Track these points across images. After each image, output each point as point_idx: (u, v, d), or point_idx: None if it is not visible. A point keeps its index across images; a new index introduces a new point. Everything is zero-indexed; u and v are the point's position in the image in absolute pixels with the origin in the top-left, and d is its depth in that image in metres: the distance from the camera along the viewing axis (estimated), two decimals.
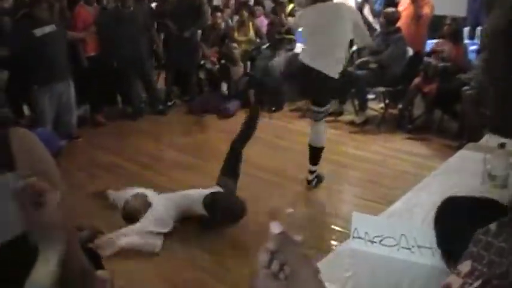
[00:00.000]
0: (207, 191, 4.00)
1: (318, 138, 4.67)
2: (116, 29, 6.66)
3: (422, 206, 2.29)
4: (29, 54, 5.50)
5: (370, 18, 7.75)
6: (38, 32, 5.55)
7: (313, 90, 4.53)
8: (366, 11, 7.71)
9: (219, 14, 7.59)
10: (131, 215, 3.94)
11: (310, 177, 4.71)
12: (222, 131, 6.13)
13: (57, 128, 5.86)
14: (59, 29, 5.79)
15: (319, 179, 4.75)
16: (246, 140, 4.35)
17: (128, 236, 3.70)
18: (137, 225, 3.81)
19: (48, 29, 5.62)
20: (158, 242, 3.75)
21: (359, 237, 2.09)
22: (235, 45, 7.30)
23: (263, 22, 7.97)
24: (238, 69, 7.13)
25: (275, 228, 0.81)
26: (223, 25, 7.87)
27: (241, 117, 6.80)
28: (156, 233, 3.79)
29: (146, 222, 3.82)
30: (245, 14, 7.77)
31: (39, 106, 5.75)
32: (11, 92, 5.75)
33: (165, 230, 3.85)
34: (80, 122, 6.49)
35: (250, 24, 7.76)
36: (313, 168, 4.70)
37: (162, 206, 3.97)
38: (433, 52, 6.29)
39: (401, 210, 2.32)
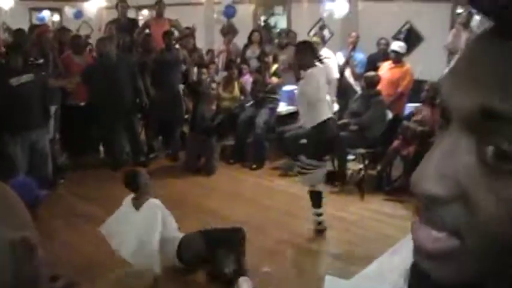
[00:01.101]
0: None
1: None
2: (101, 80, 6.78)
3: (394, 271, 2.32)
4: (4, 102, 5.52)
5: (351, 80, 7.95)
6: (14, 81, 5.61)
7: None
8: (347, 73, 7.93)
9: (204, 70, 7.75)
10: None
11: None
12: (201, 186, 6.17)
13: (31, 176, 5.83)
14: (36, 78, 5.85)
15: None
16: None
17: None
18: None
19: (25, 78, 5.69)
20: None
21: None
22: (213, 85, 7.42)
23: (248, 80, 8.13)
24: (209, 109, 7.21)
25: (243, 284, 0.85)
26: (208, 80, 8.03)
27: (223, 174, 6.90)
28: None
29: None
30: (235, 72, 7.92)
31: (10, 154, 5.69)
32: None
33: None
34: (59, 170, 6.51)
35: (236, 82, 7.91)
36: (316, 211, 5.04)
37: None
38: (412, 116, 6.46)
39: (374, 274, 2.36)
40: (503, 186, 0.44)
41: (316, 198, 4.99)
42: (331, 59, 7.60)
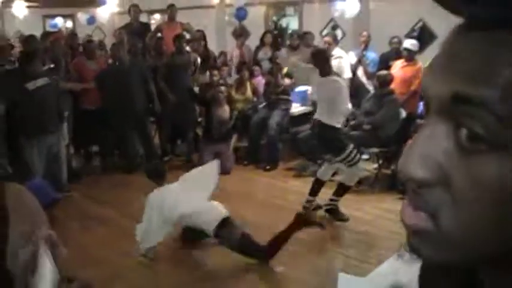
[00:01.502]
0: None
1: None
2: (113, 85, 6.86)
3: (407, 268, 2.31)
4: (20, 106, 5.59)
5: (364, 79, 7.93)
6: (31, 85, 5.66)
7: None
8: (360, 72, 7.91)
9: (215, 71, 7.78)
10: None
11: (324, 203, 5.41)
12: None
13: (47, 180, 5.89)
14: (51, 82, 5.92)
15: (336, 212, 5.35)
16: None
17: None
18: None
19: (40, 81, 5.74)
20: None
21: None
22: (222, 88, 7.42)
23: (260, 82, 8.13)
24: (223, 112, 7.23)
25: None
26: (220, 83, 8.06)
27: (237, 175, 6.91)
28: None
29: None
30: (246, 74, 7.95)
31: (27, 158, 5.73)
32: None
33: None
34: (74, 174, 6.57)
35: (248, 83, 7.93)
36: (334, 197, 5.39)
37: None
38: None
39: (387, 271, 2.35)
40: (478, 166, 0.46)
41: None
42: (344, 59, 7.60)
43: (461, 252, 0.50)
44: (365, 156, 7.05)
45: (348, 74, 7.57)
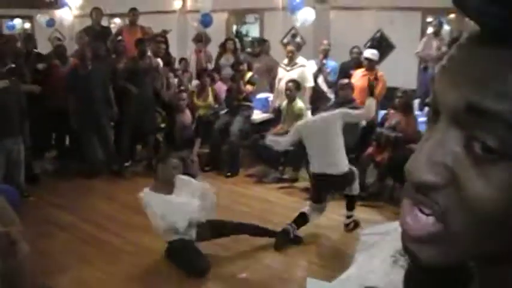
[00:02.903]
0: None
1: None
2: (75, 88, 6.81)
3: (375, 272, 2.34)
4: None
5: (325, 87, 8.01)
6: None
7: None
8: (320, 80, 7.99)
9: (171, 74, 7.78)
10: None
11: (347, 221, 5.27)
12: None
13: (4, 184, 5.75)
14: (12, 85, 5.77)
15: (356, 223, 5.24)
16: None
17: None
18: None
19: (1, 84, 5.61)
20: None
21: None
22: (183, 94, 7.40)
23: (221, 88, 8.13)
24: (186, 117, 7.19)
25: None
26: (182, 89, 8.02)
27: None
28: None
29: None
30: (207, 80, 7.91)
31: None
32: None
33: None
34: (32, 178, 6.45)
35: (210, 89, 7.90)
36: (350, 213, 5.27)
37: None
38: (384, 121, 6.54)
39: (355, 276, 2.37)
40: (490, 172, 0.48)
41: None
42: (307, 67, 7.66)
43: (465, 251, 0.52)
44: None
45: (311, 82, 7.64)
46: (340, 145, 5.01)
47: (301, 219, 5.01)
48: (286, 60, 7.79)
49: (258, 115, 7.95)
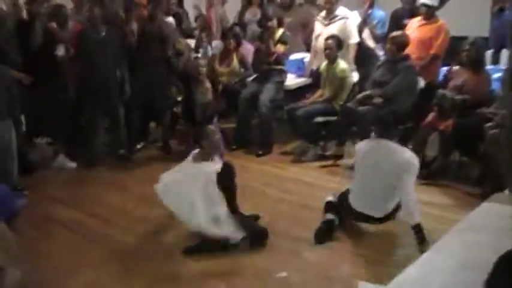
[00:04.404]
0: None
1: None
2: (83, 56, 6.86)
3: (439, 272, 2.26)
4: None
5: (371, 43, 7.86)
6: None
7: None
8: (365, 34, 7.82)
9: (181, 39, 7.71)
10: None
11: None
12: None
13: None
14: None
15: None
16: (231, 201, 4.74)
17: None
18: None
19: None
20: None
21: None
22: (202, 62, 7.34)
23: (248, 49, 8.03)
24: (206, 92, 7.13)
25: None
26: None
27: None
28: None
29: None
30: (232, 42, 7.79)
31: None
32: None
33: None
34: (30, 169, 6.53)
35: (234, 53, 7.80)
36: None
37: None
38: (445, 81, 6.39)
39: (414, 278, 2.29)
40: None
41: None
42: (350, 19, 7.51)
43: None
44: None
45: (355, 38, 7.50)
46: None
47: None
48: (323, 13, 7.66)
49: (292, 80, 7.86)
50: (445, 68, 6.83)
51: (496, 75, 6.34)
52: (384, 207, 4.71)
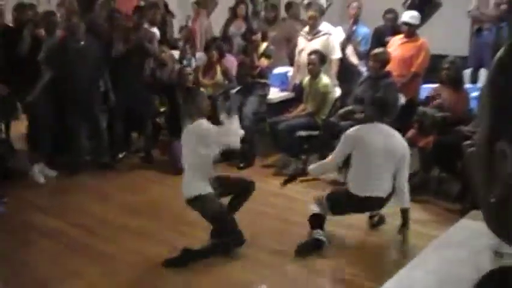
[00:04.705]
0: None
1: None
2: (62, 64, 6.80)
3: (416, 287, 2.31)
4: None
5: (354, 60, 7.94)
6: None
7: None
8: (349, 51, 7.91)
9: (166, 49, 7.76)
10: None
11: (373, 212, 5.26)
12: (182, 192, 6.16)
13: None
14: None
15: (381, 218, 5.29)
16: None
17: None
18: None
19: None
20: None
21: None
22: (188, 69, 7.38)
23: (231, 62, 8.06)
24: None
25: None
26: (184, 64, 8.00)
27: None
28: None
29: None
30: (215, 54, 7.81)
31: None
32: None
33: None
34: (10, 176, 6.52)
35: (218, 65, 7.82)
36: None
37: None
38: (429, 100, 6.47)
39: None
40: None
41: None
42: (333, 36, 7.58)
43: None
44: None
45: (338, 54, 7.56)
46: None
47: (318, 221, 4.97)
48: (307, 28, 7.73)
49: (275, 94, 7.91)
50: (426, 86, 6.93)
51: (474, 94, 6.45)
52: (388, 186, 4.82)
